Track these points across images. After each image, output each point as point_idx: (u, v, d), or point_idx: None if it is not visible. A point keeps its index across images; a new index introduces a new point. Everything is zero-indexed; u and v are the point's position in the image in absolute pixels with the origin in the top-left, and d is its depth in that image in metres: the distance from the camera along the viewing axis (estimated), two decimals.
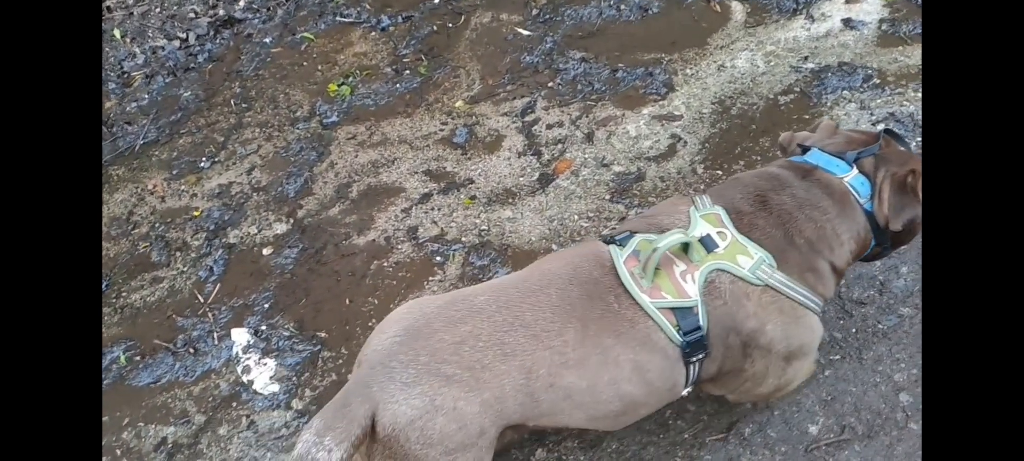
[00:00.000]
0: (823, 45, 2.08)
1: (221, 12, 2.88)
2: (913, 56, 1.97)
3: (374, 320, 1.64)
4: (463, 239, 1.86)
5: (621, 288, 1.06)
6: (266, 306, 1.65)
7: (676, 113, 2.05)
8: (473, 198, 1.97)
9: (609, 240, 1.15)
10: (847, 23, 2.11)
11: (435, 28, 2.57)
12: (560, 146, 2.06)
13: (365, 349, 1.06)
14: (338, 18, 2.72)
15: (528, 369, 1.00)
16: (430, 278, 1.74)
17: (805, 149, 1.23)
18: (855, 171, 1.16)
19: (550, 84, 2.25)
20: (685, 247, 1.09)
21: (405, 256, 1.81)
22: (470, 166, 2.07)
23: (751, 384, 1.16)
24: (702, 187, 1.85)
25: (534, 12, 2.50)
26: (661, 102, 2.09)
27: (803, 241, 1.11)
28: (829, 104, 1.93)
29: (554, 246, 1.80)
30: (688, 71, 2.15)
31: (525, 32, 2.44)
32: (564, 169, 2.01)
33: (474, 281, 1.74)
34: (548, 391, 1.02)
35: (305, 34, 2.66)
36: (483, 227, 1.89)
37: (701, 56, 2.18)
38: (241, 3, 2.94)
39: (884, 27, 2.07)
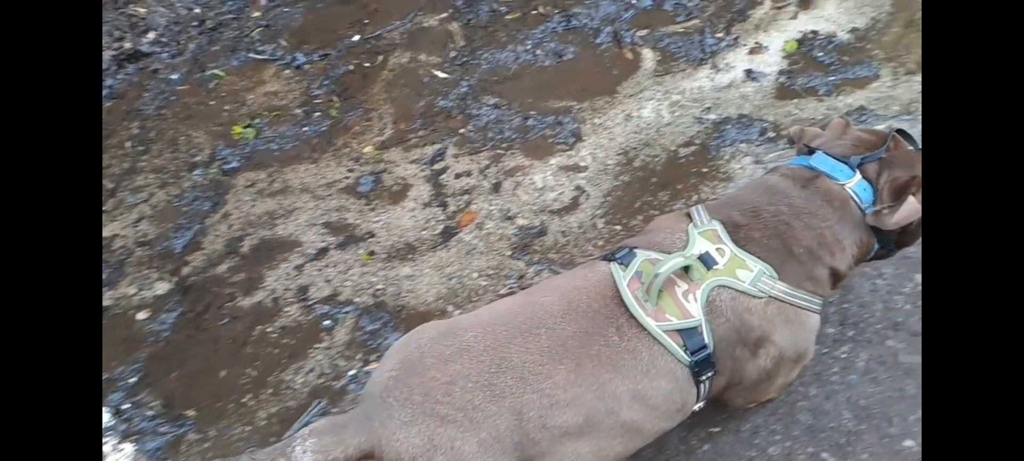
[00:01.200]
0: (726, 96, 2.11)
1: (127, 45, 2.76)
2: (806, 109, 2.01)
3: (249, 395, 1.57)
4: (356, 300, 1.80)
5: (623, 316, 1.06)
6: (132, 381, 1.55)
7: (582, 164, 2.04)
8: (372, 253, 1.92)
9: (610, 257, 1.14)
10: (749, 74, 2.15)
11: (352, 68, 2.51)
12: (466, 197, 2.03)
13: (371, 378, 1.08)
14: (252, 54, 2.64)
15: (519, 411, 1.00)
16: (316, 345, 1.68)
17: (812, 150, 1.23)
18: (858, 176, 1.15)
19: (462, 130, 2.22)
20: (686, 267, 1.08)
21: (292, 320, 1.74)
22: (372, 218, 2.01)
23: (762, 388, 1.17)
24: (601, 244, 1.84)
25: (452, 54, 2.47)
26: (569, 152, 2.08)
27: (802, 250, 1.11)
28: (727, 157, 1.96)
29: (450, 307, 1.76)
30: (597, 120, 2.15)
31: (442, 75, 2.41)
32: (468, 222, 1.97)
33: (363, 348, 1.69)
34: (542, 431, 1.01)
35: (216, 71, 2.57)
36: (379, 287, 1.83)
37: (610, 104, 2.18)
38: (150, 35, 2.82)
39: (782, 79, 2.11)
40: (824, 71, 2.10)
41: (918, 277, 1.62)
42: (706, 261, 1.09)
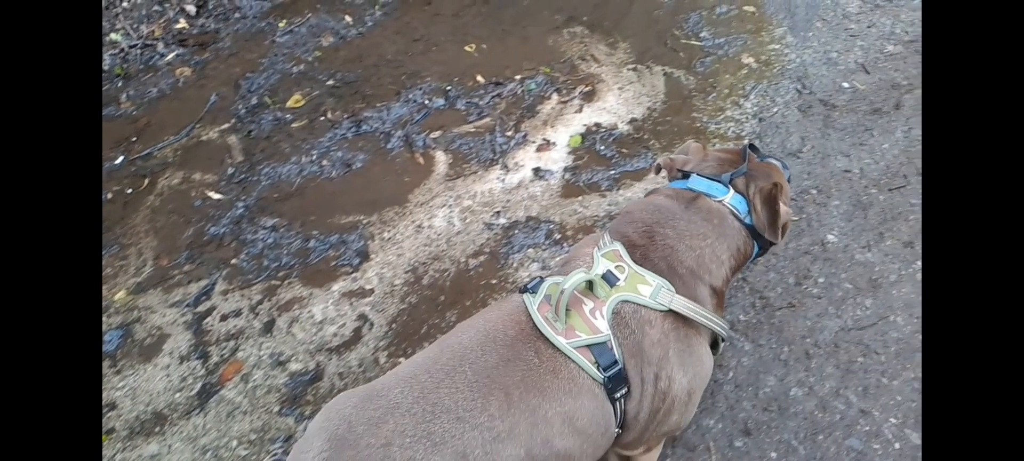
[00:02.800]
0: (515, 198, 2.07)
1: None
2: (590, 206, 2.02)
3: None
4: None
5: (539, 339, 1.07)
6: None
7: (368, 287, 1.88)
8: (110, 432, 1.59)
9: (523, 289, 1.17)
10: (537, 173, 2.13)
11: (110, 196, 2.19)
12: (233, 343, 1.77)
13: None
14: None
15: (462, 454, 0.97)
16: None
17: (685, 174, 1.32)
18: (732, 191, 1.26)
19: (234, 260, 1.97)
20: (590, 285, 1.12)
21: None
22: (116, 384, 1.69)
23: (662, 418, 1.16)
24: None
25: (230, 171, 2.24)
26: (353, 275, 1.91)
27: (685, 270, 1.17)
28: (515, 265, 1.88)
29: None
30: (385, 235, 2.01)
31: (217, 196, 2.16)
32: (232, 375, 1.71)
33: None
34: None
35: None
36: None
37: (400, 216, 2.06)
38: None
39: (568, 176, 2.11)
40: (606, 165, 2.13)
41: None
42: (609, 279, 1.13)
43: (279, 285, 1.90)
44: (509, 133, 2.27)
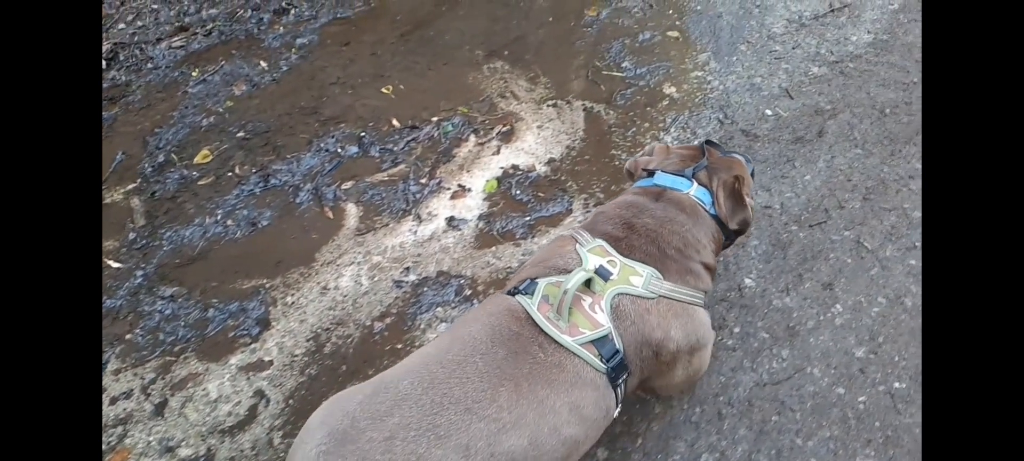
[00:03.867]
0: (427, 251, 1.98)
1: None
2: (504, 257, 1.93)
3: None
4: None
5: (542, 336, 1.11)
6: None
7: (266, 359, 1.78)
8: None
9: (514, 292, 1.19)
10: (451, 222, 2.04)
11: None
12: (121, 429, 1.67)
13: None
14: None
15: (465, 447, 0.98)
16: None
17: (651, 172, 1.40)
18: (695, 185, 1.34)
19: (129, 335, 1.87)
20: (587, 282, 1.17)
21: None
22: None
23: (667, 380, 1.25)
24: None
25: (131, 236, 2.13)
26: (252, 346, 1.81)
27: (674, 251, 1.24)
28: (422, 326, 1.80)
29: None
30: (289, 299, 1.91)
31: (115, 265, 2.05)
32: None
33: None
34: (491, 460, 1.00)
35: None
36: None
37: (306, 277, 1.96)
38: None
39: (482, 225, 2.03)
40: (521, 210, 2.05)
41: None
42: (602, 273, 1.17)
43: (174, 361, 1.80)
44: (424, 180, 2.18)
